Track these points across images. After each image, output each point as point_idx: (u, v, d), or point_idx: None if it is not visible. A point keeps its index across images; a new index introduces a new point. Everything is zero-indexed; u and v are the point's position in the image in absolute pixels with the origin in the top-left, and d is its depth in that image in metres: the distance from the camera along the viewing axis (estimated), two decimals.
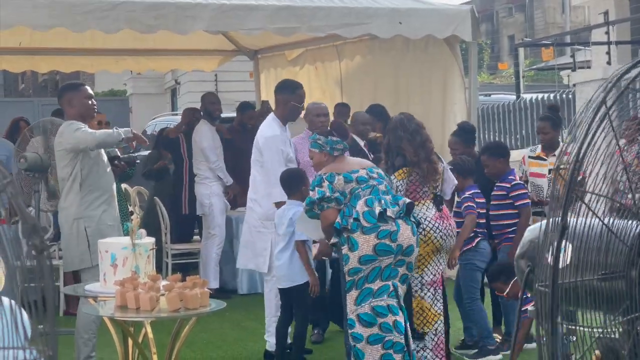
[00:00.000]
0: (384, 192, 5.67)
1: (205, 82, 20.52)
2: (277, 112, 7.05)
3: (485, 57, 41.65)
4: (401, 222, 5.56)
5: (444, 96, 9.60)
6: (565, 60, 21.43)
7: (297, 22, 8.28)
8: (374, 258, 5.51)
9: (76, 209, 6.15)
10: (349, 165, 5.81)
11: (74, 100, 6.30)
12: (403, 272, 5.62)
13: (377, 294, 5.54)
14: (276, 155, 6.77)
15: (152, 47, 11.16)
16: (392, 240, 5.51)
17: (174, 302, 4.63)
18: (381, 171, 5.86)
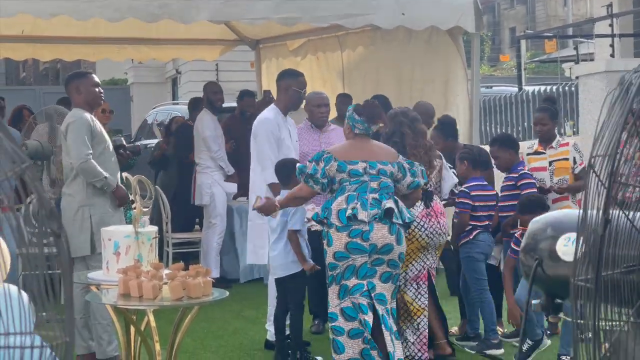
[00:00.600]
0: (373, 189, 5.57)
1: (206, 72, 20.48)
2: (278, 100, 7.05)
3: (487, 49, 41.59)
4: (376, 223, 5.48)
5: (446, 88, 9.58)
6: (568, 52, 21.43)
7: (300, 12, 8.27)
8: (346, 256, 5.51)
9: (81, 196, 6.18)
10: (352, 153, 5.68)
11: (81, 88, 6.33)
12: (384, 270, 5.54)
13: (352, 291, 5.55)
14: (266, 138, 6.75)
15: (155, 36, 11.13)
16: (363, 240, 5.48)
17: (177, 291, 4.63)
18: (391, 167, 5.66)
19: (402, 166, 5.70)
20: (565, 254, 2.77)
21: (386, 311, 5.56)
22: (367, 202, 5.50)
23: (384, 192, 5.58)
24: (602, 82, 11.24)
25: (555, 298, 2.89)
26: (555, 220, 2.96)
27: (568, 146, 7.07)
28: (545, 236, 2.90)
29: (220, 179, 9.37)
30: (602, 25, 15.53)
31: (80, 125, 6.17)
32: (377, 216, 5.46)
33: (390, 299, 5.61)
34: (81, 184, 6.19)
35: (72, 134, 6.16)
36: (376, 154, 5.72)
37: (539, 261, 2.79)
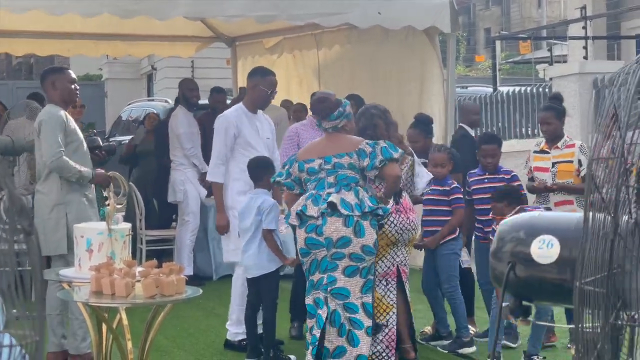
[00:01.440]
0: (330, 184, 5.63)
1: (181, 69, 20.43)
2: (246, 97, 7.00)
3: (462, 50, 41.73)
4: (328, 217, 5.54)
5: (422, 87, 9.60)
6: (542, 54, 21.56)
7: (276, 10, 8.26)
8: (307, 251, 5.64)
9: (57, 194, 6.10)
10: (310, 152, 5.81)
11: (57, 84, 6.25)
12: (347, 264, 5.57)
13: (316, 285, 5.65)
14: (220, 135, 6.73)
15: (130, 32, 11.09)
16: (317, 234, 5.56)
17: (150, 289, 4.61)
18: (348, 157, 5.67)
19: (363, 151, 5.67)
20: (541, 257, 2.78)
21: (343, 306, 5.60)
22: (319, 198, 5.58)
23: (342, 184, 5.61)
24: (575, 83, 11.32)
25: (523, 301, 2.90)
26: (527, 223, 2.97)
27: (574, 148, 6.72)
28: (518, 239, 2.90)
29: (193, 177, 9.35)
30: (576, 28, 15.65)
31: (54, 123, 6.11)
32: (325, 210, 5.52)
33: (360, 293, 5.63)
34: (55, 181, 6.12)
35: (45, 131, 6.10)
36: (333, 147, 5.73)
37: (512, 264, 2.80)
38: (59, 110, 6.18)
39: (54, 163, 6.05)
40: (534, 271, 2.81)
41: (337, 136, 5.84)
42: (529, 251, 2.82)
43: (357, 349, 5.60)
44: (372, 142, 5.72)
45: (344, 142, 5.77)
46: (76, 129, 6.29)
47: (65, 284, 5.23)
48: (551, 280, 2.78)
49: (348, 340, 5.61)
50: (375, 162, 5.62)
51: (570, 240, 2.73)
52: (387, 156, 5.64)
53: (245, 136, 6.75)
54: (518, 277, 2.84)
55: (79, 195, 6.17)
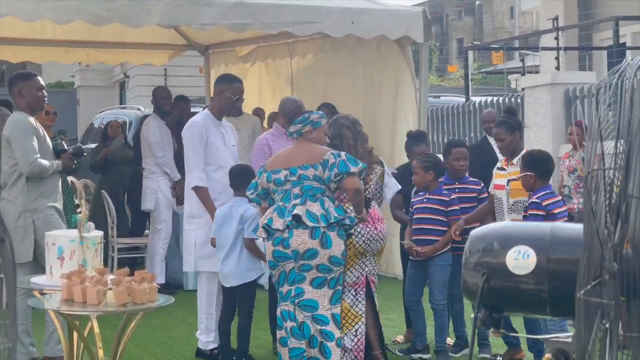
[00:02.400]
0: (296, 195, 5.62)
1: (154, 77, 20.36)
2: (212, 103, 6.94)
3: (434, 59, 41.92)
4: (294, 229, 5.54)
5: (395, 97, 9.64)
6: (514, 64, 21.69)
7: (250, 18, 8.26)
8: (275, 264, 5.64)
9: (23, 201, 6.06)
10: (277, 162, 5.77)
11: (24, 91, 6.20)
12: (314, 275, 5.58)
13: (284, 297, 5.67)
14: (192, 142, 6.64)
15: (103, 40, 11.05)
16: (284, 247, 5.55)
17: (122, 297, 4.59)
18: (313, 170, 5.63)
19: (326, 162, 5.63)
20: (517, 268, 2.79)
21: (312, 318, 5.60)
22: (285, 210, 5.57)
23: (307, 195, 5.60)
24: (547, 94, 11.41)
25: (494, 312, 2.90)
26: (500, 234, 2.97)
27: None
28: (492, 250, 2.90)
29: (165, 185, 9.32)
30: (548, 38, 15.77)
31: (25, 130, 6.07)
32: (290, 223, 5.52)
33: (329, 304, 5.63)
34: (22, 188, 6.07)
35: (18, 140, 6.04)
36: (298, 159, 5.70)
37: (487, 276, 2.80)
38: (27, 117, 6.14)
39: (31, 168, 6.01)
40: (509, 282, 2.82)
41: (303, 145, 5.80)
42: (505, 262, 2.83)
43: None
44: (336, 154, 5.70)
45: (310, 153, 5.73)
46: (45, 135, 6.27)
47: (36, 292, 5.20)
48: (527, 291, 2.78)
49: (321, 352, 5.61)
50: (331, 176, 5.61)
51: (546, 250, 2.75)
52: (343, 170, 5.59)
53: (213, 142, 6.69)
54: (491, 288, 2.85)
55: (46, 201, 6.13)
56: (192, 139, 6.67)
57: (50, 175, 6.20)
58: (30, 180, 6.08)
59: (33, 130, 6.09)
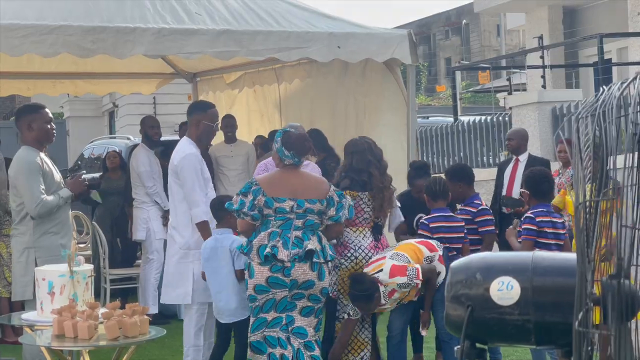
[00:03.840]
0: (297, 227, 5.59)
1: (143, 105, 20.39)
2: (190, 134, 6.77)
3: (423, 79, 42.04)
4: (297, 262, 5.52)
5: (382, 119, 9.65)
6: (501, 82, 21.78)
7: (236, 46, 8.28)
8: (267, 290, 5.58)
9: (29, 237, 5.95)
10: (280, 189, 5.64)
11: (33, 124, 6.04)
12: (304, 304, 5.62)
13: (270, 324, 5.64)
14: (194, 174, 6.51)
15: (90, 71, 11.06)
16: (284, 275, 5.54)
17: (113, 331, 4.58)
18: (319, 205, 5.63)
19: (332, 199, 5.69)
20: (501, 299, 2.79)
21: (304, 345, 5.63)
22: (289, 241, 5.53)
23: (308, 230, 5.61)
24: (534, 112, 11.45)
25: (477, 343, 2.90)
26: (483, 265, 2.97)
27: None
28: (475, 282, 2.89)
29: (156, 215, 9.30)
30: (534, 57, 15.84)
31: (30, 171, 5.92)
32: (297, 256, 5.50)
33: (314, 332, 5.68)
34: (29, 224, 5.96)
35: (22, 182, 5.92)
36: (304, 190, 5.66)
37: (471, 308, 2.80)
38: (34, 156, 5.98)
39: (38, 210, 5.88)
40: (494, 313, 2.82)
41: (303, 174, 5.80)
42: (489, 294, 2.83)
43: None
44: (340, 193, 5.76)
45: (316, 186, 5.73)
46: (52, 170, 6.11)
47: (27, 328, 5.17)
48: (512, 322, 2.78)
49: None
50: (341, 219, 5.71)
51: (529, 280, 2.75)
52: (350, 216, 5.79)
53: (204, 172, 6.65)
54: (474, 320, 2.85)
55: (53, 240, 5.99)
56: (193, 172, 6.51)
57: (59, 210, 6.06)
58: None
59: (38, 169, 5.92)
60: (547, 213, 6.14)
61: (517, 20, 21.51)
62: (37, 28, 7.39)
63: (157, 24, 7.90)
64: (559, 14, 18.04)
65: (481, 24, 47.96)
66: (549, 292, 2.57)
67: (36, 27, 7.39)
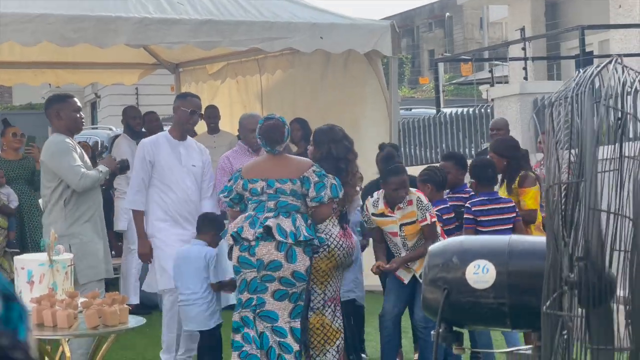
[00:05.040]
0: (270, 209, 5.65)
1: (126, 96, 20.33)
2: (173, 123, 6.97)
3: (406, 72, 42.08)
4: (261, 240, 5.58)
5: (363, 111, 9.66)
6: (484, 75, 21.83)
7: (219, 36, 8.26)
8: (238, 270, 5.70)
9: (60, 226, 5.97)
10: (255, 171, 5.80)
11: (61, 113, 6.21)
12: (276, 288, 5.63)
13: (245, 305, 5.71)
14: (138, 162, 6.67)
15: (72, 60, 11.01)
16: (250, 255, 5.62)
17: (93, 319, 4.57)
18: (290, 184, 5.67)
19: (308, 179, 5.69)
20: (477, 282, 2.81)
21: (272, 329, 5.64)
22: (257, 221, 5.61)
23: (281, 211, 5.64)
24: (516, 104, 11.49)
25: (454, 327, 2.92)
26: (459, 249, 2.99)
27: (411, 205, 6.22)
28: (451, 265, 2.92)
29: None
30: (516, 49, 15.88)
31: (65, 149, 6.05)
32: (260, 235, 5.55)
33: (289, 318, 5.67)
34: (60, 213, 6.01)
35: (60, 160, 6.00)
36: (275, 170, 5.74)
37: (447, 291, 2.82)
38: (63, 137, 6.14)
39: (83, 182, 5.99)
40: (469, 297, 2.84)
41: (283, 157, 5.87)
42: (465, 277, 2.85)
43: None
44: (320, 172, 5.74)
45: (289, 166, 5.77)
46: (82, 154, 6.27)
47: None
48: (487, 305, 2.80)
49: None
50: (324, 199, 5.68)
51: (505, 264, 2.77)
52: (335, 195, 5.76)
53: (161, 164, 6.65)
54: (451, 303, 2.87)
55: (85, 227, 6.05)
56: (137, 160, 6.70)
57: (90, 197, 6.13)
58: (68, 205, 6.00)
59: (72, 148, 6.08)
60: (488, 202, 6.42)
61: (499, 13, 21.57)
62: (17, 16, 7.36)
63: (139, 13, 7.88)
64: (541, 6, 18.09)
65: (464, 17, 48.04)
66: (524, 276, 2.59)
67: (17, 16, 7.36)
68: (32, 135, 9.65)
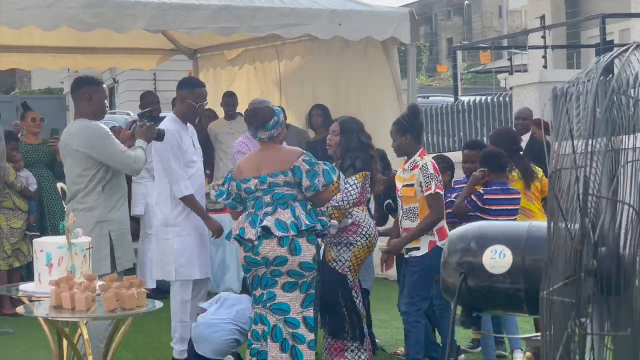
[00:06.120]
0: (267, 203, 5.65)
1: (143, 81, 20.37)
2: (176, 109, 6.80)
3: (424, 60, 41.99)
4: (263, 239, 5.57)
5: (382, 98, 9.64)
6: (503, 63, 21.74)
7: (237, 22, 8.26)
8: (248, 268, 5.72)
9: (100, 211, 5.90)
10: (245, 170, 5.76)
11: (94, 97, 5.98)
12: (285, 280, 5.64)
13: (257, 300, 5.74)
14: (172, 151, 6.49)
15: (90, 45, 11.03)
16: (254, 254, 5.62)
17: (110, 302, 4.59)
18: (282, 176, 5.64)
19: (299, 169, 5.64)
20: (494, 267, 2.81)
21: (284, 321, 5.65)
22: (257, 219, 5.60)
23: (278, 204, 5.64)
24: (535, 92, 11.45)
25: (473, 311, 2.92)
26: (477, 234, 2.99)
27: (416, 169, 6.11)
28: (469, 250, 2.92)
29: None
30: (536, 37, 15.81)
31: (107, 136, 5.90)
32: (261, 234, 5.55)
33: (301, 308, 5.67)
34: (98, 199, 5.89)
35: (105, 145, 5.86)
36: (266, 165, 5.69)
37: (464, 275, 2.82)
38: (97, 123, 5.96)
39: (137, 166, 5.94)
40: (486, 281, 2.84)
41: (271, 148, 5.80)
42: (481, 262, 2.85)
43: None
44: (310, 160, 5.70)
45: (279, 158, 5.73)
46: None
47: (25, 299, 5.18)
48: (504, 290, 2.81)
49: (292, 355, 5.66)
50: (318, 186, 5.65)
51: (521, 250, 2.77)
52: (329, 181, 5.71)
53: (184, 148, 6.59)
54: (469, 288, 2.87)
55: (120, 213, 6.01)
56: (171, 149, 6.50)
57: (121, 183, 6.07)
58: (107, 188, 5.93)
59: (110, 132, 5.95)
60: (500, 191, 6.40)
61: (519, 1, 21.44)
62: (36, 1, 7.37)
63: None
64: None
65: (483, 5, 47.86)
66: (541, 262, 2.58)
67: (36, 0, 7.37)
68: (55, 127, 9.64)
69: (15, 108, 17.91)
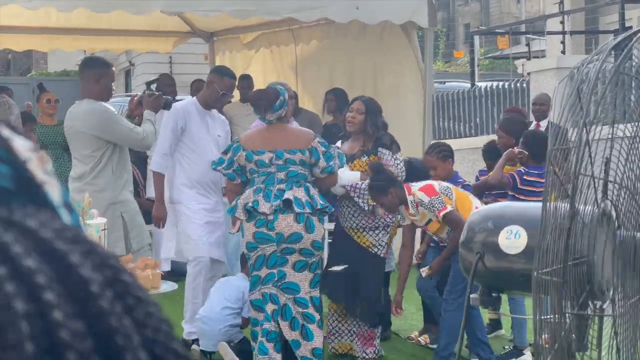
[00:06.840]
0: (280, 180, 5.61)
1: (160, 64, 20.35)
2: (202, 92, 6.81)
3: (441, 45, 41.82)
4: (280, 213, 5.53)
5: (399, 83, 9.61)
6: (520, 49, 21.62)
7: (254, 5, 8.24)
8: (255, 246, 5.63)
9: (111, 193, 5.88)
10: (260, 142, 5.72)
11: (102, 79, 5.94)
12: (297, 259, 5.62)
13: (264, 281, 5.68)
14: (165, 127, 6.52)
15: (107, 27, 11.03)
16: (269, 229, 5.56)
17: None
18: (300, 154, 5.63)
19: (316, 150, 5.65)
20: (509, 247, 2.79)
21: (294, 300, 5.64)
22: (270, 194, 5.56)
23: (293, 182, 5.61)
24: (552, 78, 11.37)
25: (492, 291, 2.91)
26: (496, 214, 2.98)
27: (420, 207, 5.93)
28: (487, 230, 2.91)
29: None
30: (554, 22, 15.71)
31: (114, 116, 5.92)
32: (278, 207, 5.51)
33: (309, 288, 5.68)
34: (109, 180, 5.86)
35: (113, 124, 5.84)
36: (285, 141, 5.68)
37: (480, 255, 2.81)
38: (102, 104, 5.94)
39: (147, 142, 5.97)
40: (502, 261, 2.83)
41: (283, 127, 5.81)
42: (497, 241, 2.83)
43: (311, 343, 5.69)
44: (324, 142, 5.73)
45: (295, 137, 5.75)
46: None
47: None
48: (519, 270, 2.79)
49: (302, 334, 5.68)
50: (334, 168, 5.68)
51: (537, 231, 2.75)
52: (342, 164, 5.78)
53: (192, 131, 6.57)
54: (487, 268, 2.86)
55: (129, 194, 6.02)
56: (166, 124, 6.54)
57: (127, 164, 6.07)
58: (116, 170, 5.91)
59: (114, 112, 5.99)
60: (538, 175, 6.20)
61: None
62: None
63: None
64: None
65: None
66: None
67: None
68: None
69: (32, 90, 17.98)
